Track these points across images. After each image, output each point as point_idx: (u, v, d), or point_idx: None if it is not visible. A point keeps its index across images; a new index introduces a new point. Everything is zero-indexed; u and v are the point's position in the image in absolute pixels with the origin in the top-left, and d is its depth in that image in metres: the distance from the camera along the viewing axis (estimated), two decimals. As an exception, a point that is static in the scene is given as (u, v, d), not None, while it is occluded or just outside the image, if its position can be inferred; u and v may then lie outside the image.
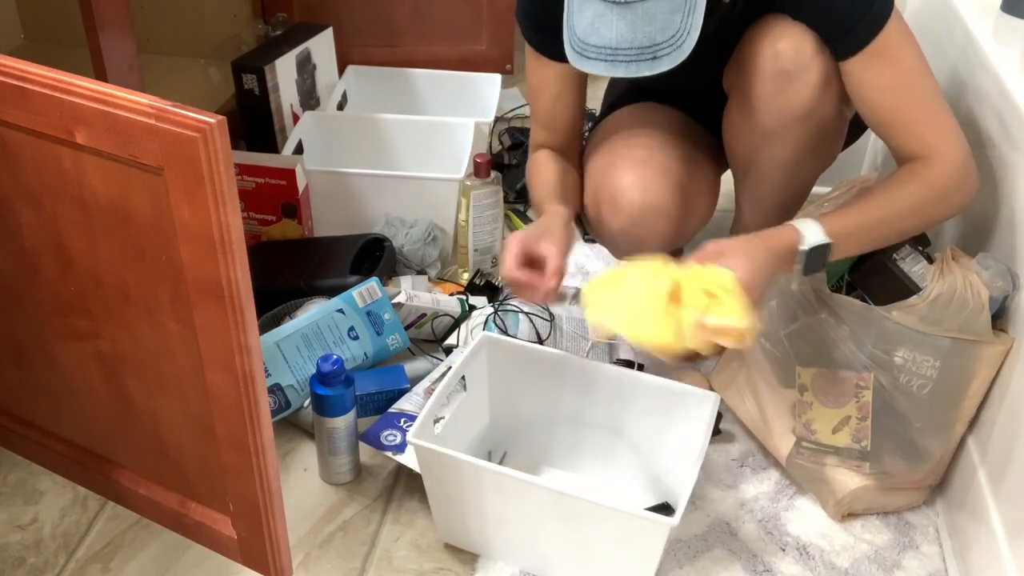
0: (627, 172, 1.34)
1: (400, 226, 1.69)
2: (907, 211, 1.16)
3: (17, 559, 1.21)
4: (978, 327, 1.15)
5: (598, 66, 1.06)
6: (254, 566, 1.18)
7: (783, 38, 1.18)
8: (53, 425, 1.28)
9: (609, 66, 1.05)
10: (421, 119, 1.93)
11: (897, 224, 1.17)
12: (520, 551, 1.19)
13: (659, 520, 1.05)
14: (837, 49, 1.17)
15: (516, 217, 1.86)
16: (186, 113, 0.85)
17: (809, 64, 1.18)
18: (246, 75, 1.86)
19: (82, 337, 1.11)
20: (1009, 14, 1.42)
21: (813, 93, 1.20)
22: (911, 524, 1.28)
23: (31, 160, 0.99)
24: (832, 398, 1.23)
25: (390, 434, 1.30)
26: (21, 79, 0.92)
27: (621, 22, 1.02)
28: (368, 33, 2.29)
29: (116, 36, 1.48)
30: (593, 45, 1.05)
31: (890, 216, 1.17)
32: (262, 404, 1.02)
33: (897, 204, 1.16)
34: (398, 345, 1.48)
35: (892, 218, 1.17)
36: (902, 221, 1.17)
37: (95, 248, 1.01)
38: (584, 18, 1.04)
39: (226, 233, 0.89)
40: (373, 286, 1.45)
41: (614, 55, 1.04)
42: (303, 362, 1.39)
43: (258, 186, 1.64)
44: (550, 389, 1.28)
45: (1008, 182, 1.22)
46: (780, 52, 1.18)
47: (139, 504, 1.25)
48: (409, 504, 1.30)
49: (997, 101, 1.25)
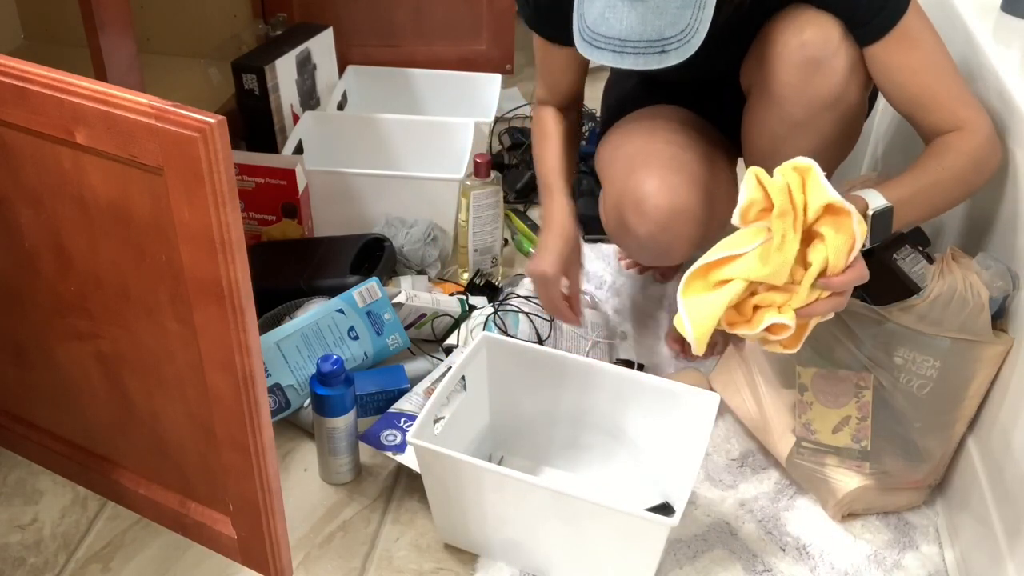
0: (651, 177, 1.33)
1: (400, 226, 1.69)
2: (952, 178, 1.18)
3: (17, 559, 1.21)
4: (978, 327, 1.15)
5: (607, 56, 1.06)
6: (254, 566, 1.18)
7: (809, 26, 1.19)
8: (53, 425, 1.28)
9: (617, 57, 1.06)
10: (421, 119, 1.93)
11: (945, 190, 1.19)
12: (520, 551, 1.19)
13: (659, 520, 1.05)
14: (861, 35, 1.18)
15: (516, 217, 1.86)
16: (186, 113, 0.85)
17: (836, 51, 1.18)
18: (246, 75, 1.86)
19: (82, 337, 1.11)
20: (1009, 14, 1.43)
21: (841, 79, 1.20)
22: (911, 524, 1.28)
23: (31, 160, 0.99)
24: (832, 398, 1.23)
25: (390, 434, 1.30)
26: (21, 79, 0.92)
27: (632, 14, 1.03)
28: (368, 33, 2.29)
29: (116, 36, 1.48)
30: (603, 35, 1.05)
31: (938, 182, 1.18)
32: (262, 404, 1.02)
33: (943, 172, 1.18)
34: (398, 345, 1.48)
35: (940, 185, 1.18)
36: (948, 187, 1.19)
37: (95, 248, 1.01)
38: (595, 7, 1.05)
39: (226, 233, 0.89)
40: (373, 286, 1.45)
41: (623, 46, 1.05)
42: (303, 362, 1.39)
43: (258, 186, 1.64)
44: (550, 389, 1.28)
45: (1008, 182, 1.22)
46: (807, 41, 1.19)
47: (139, 504, 1.25)
48: (409, 504, 1.30)
49: (997, 101, 1.25)
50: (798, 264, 1.04)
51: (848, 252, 1.03)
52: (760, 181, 1.03)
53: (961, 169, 1.18)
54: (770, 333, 1.07)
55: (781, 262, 1.02)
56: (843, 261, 1.03)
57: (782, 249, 1.02)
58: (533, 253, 1.43)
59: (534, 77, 1.52)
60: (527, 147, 2.03)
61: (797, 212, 1.02)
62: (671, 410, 1.22)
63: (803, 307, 1.05)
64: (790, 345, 1.09)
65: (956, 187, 1.20)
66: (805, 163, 1.03)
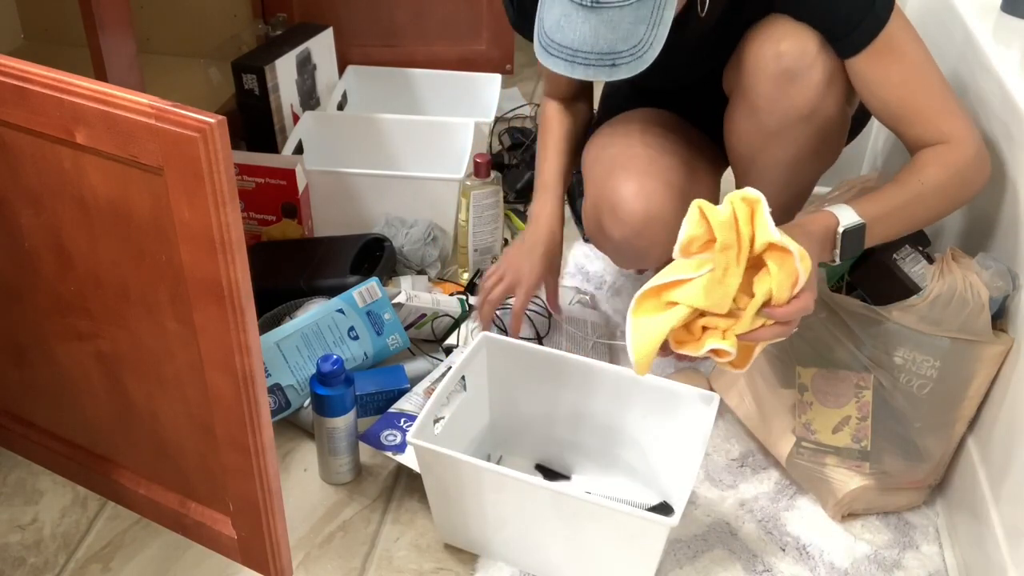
0: (628, 181, 1.34)
1: (400, 226, 1.69)
2: (932, 192, 1.16)
3: (17, 559, 1.21)
4: (978, 327, 1.15)
5: (559, 64, 1.06)
6: (254, 566, 1.18)
7: (786, 38, 1.18)
8: (53, 425, 1.28)
9: (568, 66, 1.05)
10: (421, 119, 1.93)
11: (925, 206, 1.17)
12: (520, 551, 1.19)
13: (659, 520, 1.05)
14: (841, 48, 1.17)
15: (516, 217, 1.86)
16: (186, 113, 0.85)
17: (813, 63, 1.18)
18: (246, 75, 1.86)
19: (82, 337, 1.11)
20: (1009, 14, 1.43)
21: (817, 92, 1.19)
22: (911, 524, 1.28)
23: (31, 160, 0.99)
24: (832, 398, 1.23)
25: (390, 434, 1.30)
26: (21, 79, 0.92)
27: (585, 25, 1.02)
28: (368, 33, 2.29)
29: (116, 36, 1.48)
30: (557, 43, 1.05)
31: (917, 198, 1.16)
32: (262, 404, 1.02)
33: (922, 186, 1.16)
34: (398, 345, 1.48)
35: (919, 200, 1.17)
36: (929, 202, 1.17)
37: (95, 248, 1.01)
38: (553, 14, 1.05)
39: (226, 233, 0.89)
40: (373, 286, 1.45)
41: (574, 56, 1.04)
42: (303, 362, 1.39)
43: (258, 186, 1.64)
44: (550, 389, 1.28)
45: (1008, 182, 1.22)
46: (783, 52, 1.18)
47: (139, 504, 1.25)
48: (409, 504, 1.30)
49: (997, 102, 1.25)
50: (743, 291, 1.05)
51: (791, 287, 1.03)
52: (704, 214, 1.03)
53: (943, 184, 1.16)
54: (714, 355, 1.08)
55: (722, 294, 1.03)
56: (786, 295, 1.03)
57: (723, 282, 1.03)
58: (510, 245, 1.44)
59: (534, 77, 1.52)
60: (527, 147, 2.03)
61: (742, 244, 1.02)
62: (671, 410, 1.22)
63: (747, 333, 1.05)
64: (738, 365, 1.10)
65: (938, 202, 1.18)
66: (754, 195, 1.02)
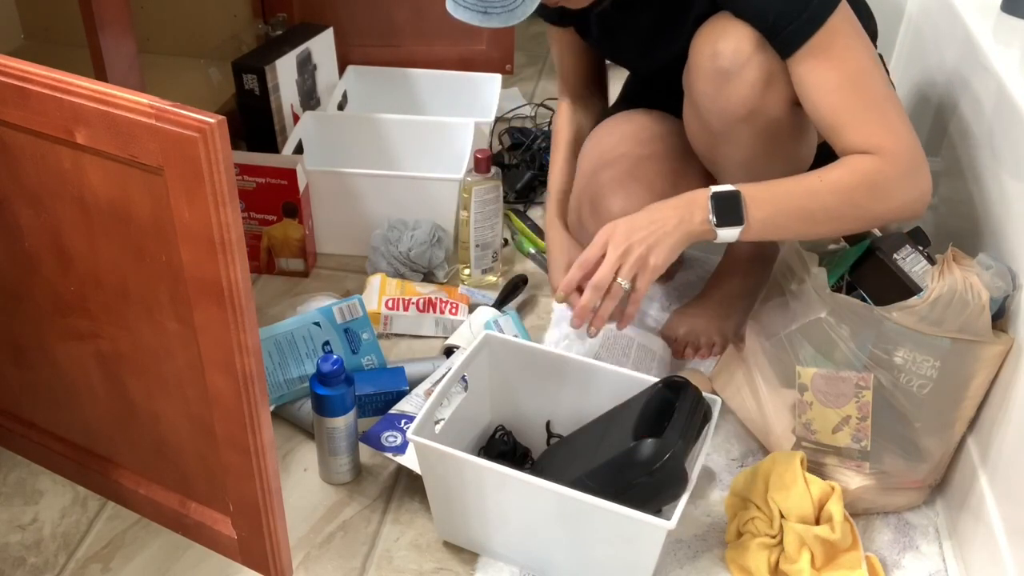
0: (611, 180, 1.34)
1: (403, 228, 1.69)
2: (832, 193, 1.13)
3: (17, 559, 1.21)
4: (978, 327, 1.15)
5: (449, 4, 1.17)
6: (254, 566, 1.18)
7: (723, 37, 1.17)
8: (53, 425, 1.28)
9: (453, 5, 1.17)
10: (421, 119, 1.93)
11: (820, 203, 1.14)
12: (520, 551, 1.19)
13: (658, 521, 1.05)
14: (779, 46, 1.14)
15: (516, 217, 1.86)
16: (186, 113, 0.85)
17: (747, 63, 1.15)
18: (246, 75, 1.86)
19: (82, 337, 1.11)
20: (1009, 14, 1.43)
21: (752, 92, 1.17)
22: (911, 524, 1.28)
23: (31, 160, 0.99)
24: (832, 398, 1.23)
25: (391, 435, 1.30)
26: (21, 79, 0.92)
27: None
28: (368, 33, 2.29)
29: (116, 36, 1.48)
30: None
31: (809, 192, 1.14)
32: (262, 404, 1.02)
33: (820, 183, 1.14)
34: (374, 366, 1.47)
35: (812, 195, 1.14)
36: (825, 201, 1.14)
37: (95, 248, 1.01)
38: None
39: (226, 233, 0.89)
40: (355, 303, 1.44)
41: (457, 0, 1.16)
42: (273, 368, 1.38)
43: (258, 186, 1.64)
44: (550, 389, 1.28)
45: (1008, 182, 1.22)
46: (719, 51, 1.17)
47: (139, 504, 1.25)
48: (409, 504, 1.30)
49: (997, 101, 1.25)
50: None
51: None
52: None
53: (845, 187, 1.13)
54: None
55: None
56: None
57: None
58: None
59: (534, 77, 1.53)
60: (527, 147, 2.04)
61: None
62: (671, 410, 1.22)
63: None
64: None
65: (837, 203, 1.14)
66: None
